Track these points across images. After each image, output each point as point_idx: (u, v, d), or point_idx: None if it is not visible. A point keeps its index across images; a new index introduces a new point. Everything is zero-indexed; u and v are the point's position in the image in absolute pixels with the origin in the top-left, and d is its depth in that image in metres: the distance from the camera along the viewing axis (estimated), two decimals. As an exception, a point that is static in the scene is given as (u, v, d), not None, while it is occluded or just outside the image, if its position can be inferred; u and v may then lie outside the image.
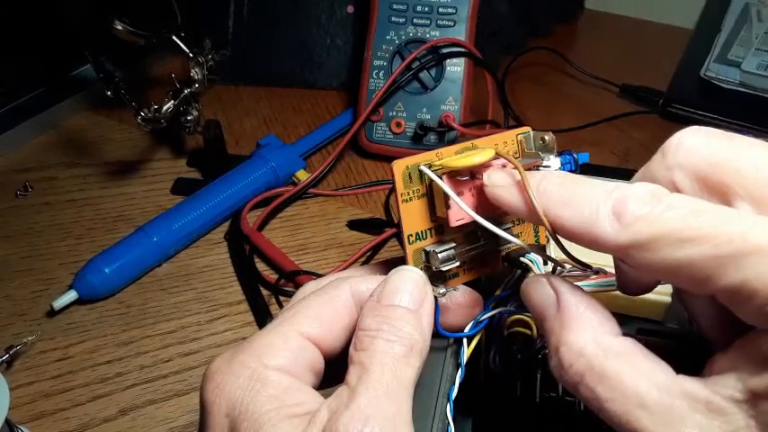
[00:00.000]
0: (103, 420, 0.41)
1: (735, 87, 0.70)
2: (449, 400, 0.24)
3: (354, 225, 0.56)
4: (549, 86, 0.75)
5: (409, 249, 0.25)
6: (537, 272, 0.25)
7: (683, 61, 0.75)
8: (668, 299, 0.30)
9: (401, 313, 0.22)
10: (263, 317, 0.47)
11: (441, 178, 0.24)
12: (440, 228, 0.25)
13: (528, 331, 0.28)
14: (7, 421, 0.35)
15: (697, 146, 0.20)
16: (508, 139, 0.27)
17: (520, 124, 0.66)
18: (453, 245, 0.25)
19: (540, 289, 0.22)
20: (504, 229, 0.24)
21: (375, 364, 0.21)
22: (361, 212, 0.57)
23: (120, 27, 0.52)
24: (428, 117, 0.61)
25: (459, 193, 0.24)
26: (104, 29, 0.53)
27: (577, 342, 0.20)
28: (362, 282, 0.25)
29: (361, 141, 0.62)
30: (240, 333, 0.47)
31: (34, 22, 0.62)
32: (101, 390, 0.42)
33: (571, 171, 0.33)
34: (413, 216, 0.25)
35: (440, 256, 0.24)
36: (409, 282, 0.23)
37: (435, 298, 0.24)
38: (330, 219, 0.57)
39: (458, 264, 0.25)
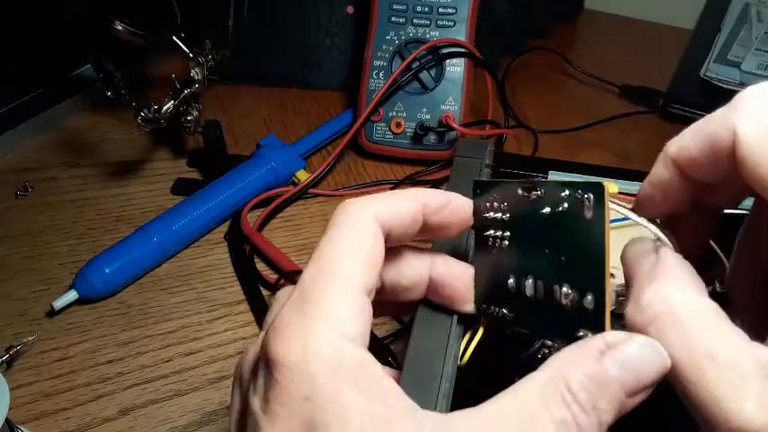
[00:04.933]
0: (104, 420, 0.41)
1: (735, 87, 0.70)
2: None
3: (354, 225, 0.56)
4: (549, 87, 0.76)
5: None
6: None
7: (683, 61, 0.75)
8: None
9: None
10: (262, 317, 0.47)
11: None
12: None
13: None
14: (7, 421, 0.35)
15: None
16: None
17: (519, 124, 0.66)
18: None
19: (641, 246, 0.23)
20: None
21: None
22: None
23: (120, 27, 0.52)
24: (428, 117, 0.61)
25: None
26: (104, 29, 0.53)
27: (661, 289, 0.20)
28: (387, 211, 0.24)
29: (362, 141, 0.62)
30: (240, 333, 0.47)
31: (34, 23, 0.62)
32: (101, 389, 0.42)
33: None
34: None
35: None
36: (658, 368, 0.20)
37: None
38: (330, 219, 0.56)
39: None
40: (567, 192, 0.22)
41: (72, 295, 0.47)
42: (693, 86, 0.71)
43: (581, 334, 0.22)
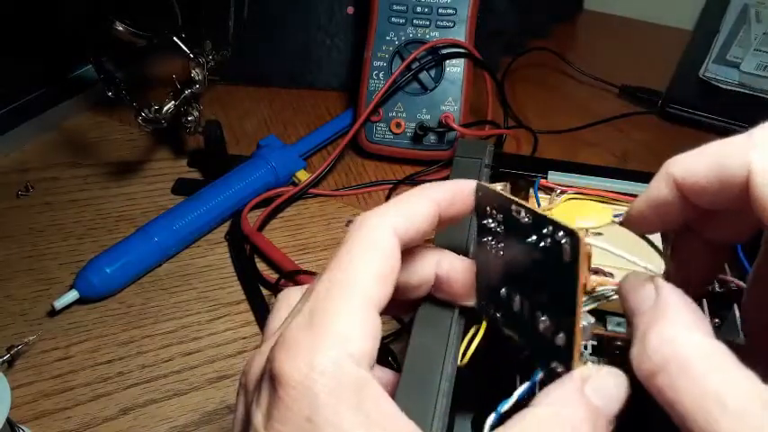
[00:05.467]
0: (104, 420, 0.41)
1: (734, 88, 0.70)
2: (496, 413, 0.24)
3: (354, 225, 0.56)
4: (549, 87, 0.76)
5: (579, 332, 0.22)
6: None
7: (682, 62, 0.75)
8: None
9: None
10: (263, 316, 0.47)
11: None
12: None
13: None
14: (8, 421, 0.35)
15: None
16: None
17: (519, 125, 0.66)
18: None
19: (639, 283, 0.22)
20: None
21: None
22: (360, 212, 0.57)
23: (120, 28, 0.53)
24: (428, 117, 0.61)
25: None
26: (105, 30, 0.53)
27: (669, 332, 0.20)
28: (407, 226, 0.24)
29: (361, 142, 0.63)
30: (240, 333, 0.47)
31: (35, 23, 0.62)
32: (102, 389, 0.43)
33: None
34: None
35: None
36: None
37: None
38: (330, 219, 0.57)
39: None
40: (550, 228, 0.22)
41: (73, 295, 0.47)
42: (692, 87, 0.71)
43: (554, 365, 0.22)
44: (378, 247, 0.23)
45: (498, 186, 0.26)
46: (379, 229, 0.23)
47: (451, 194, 0.25)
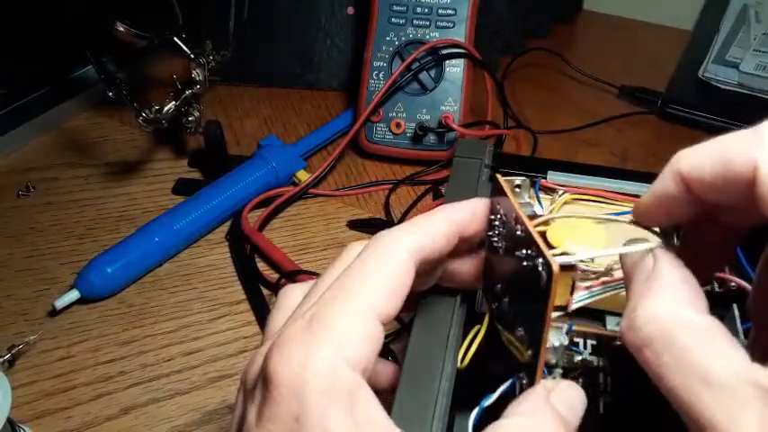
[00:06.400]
0: (105, 419, 0.41)
1: (733, 88, 0.70)
2: (479, 407, 0.24)
3: (354, 225, 0.56)
4: (548, 87, 0.76)
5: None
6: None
7: (682, 62, 0.75)
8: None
9: None
10: (263, 316, 0.47)
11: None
12: None
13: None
14: (9, 420, 0.35)
15: None
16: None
17: (518, 125, 0.66)
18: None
19: (640, 254, 0.22)
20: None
21: None
22: (361, 212, 0.58)
23: (121, 29, 0.53)
24: (428, 118, 0.61)
25: None
26: (105, 30, 0.53)
27: (655, 307, 0.20)
28: (425, 245, 0.24)
29: (362, 142, 0.63)
30: (241, 332, 0.47)
31: (35, 23, 0.62)
32: (102, 389, 0.43)
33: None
34: None
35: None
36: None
37: None
38: (330, 219, 0.57)
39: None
40: (533, 250, 0.22)
41: (73, 295, 0.47)
42: (692, 87, 0.71)
43: (521, 375, 0.23)
44: (390, 261, 0.23)
45: (517, 181, 0.27)
46: (393, 245, 0.23)
47: (470, 214, 0.26)
